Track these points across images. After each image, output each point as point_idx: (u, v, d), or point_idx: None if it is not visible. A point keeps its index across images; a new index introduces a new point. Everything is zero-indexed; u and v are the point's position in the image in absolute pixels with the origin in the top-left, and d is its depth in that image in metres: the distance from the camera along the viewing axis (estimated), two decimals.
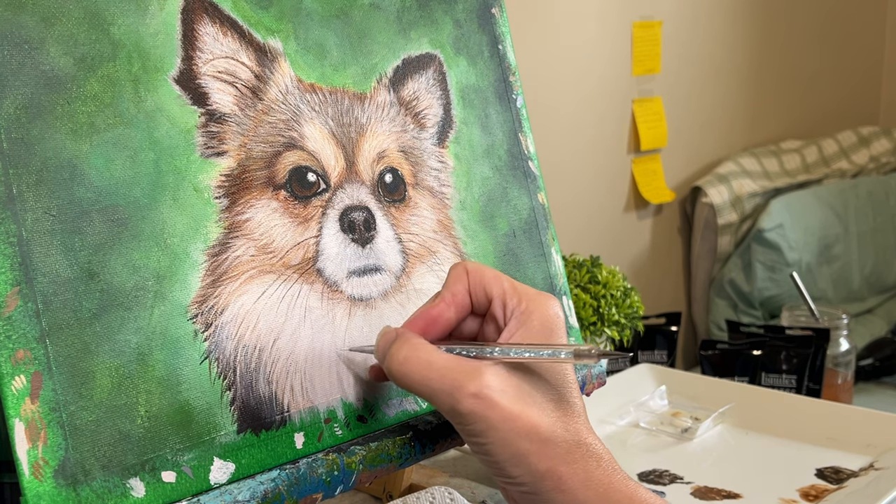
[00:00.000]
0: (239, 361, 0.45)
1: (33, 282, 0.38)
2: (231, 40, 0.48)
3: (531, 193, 0.62)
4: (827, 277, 2.06)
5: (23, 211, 0.39)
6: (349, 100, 0.53)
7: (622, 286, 1.02)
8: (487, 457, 0.43)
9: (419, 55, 0.57)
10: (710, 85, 2.06)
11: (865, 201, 2.16)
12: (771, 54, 2.21)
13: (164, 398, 0.42)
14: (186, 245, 0.44)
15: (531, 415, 0.42)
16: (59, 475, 0.38)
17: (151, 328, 0.42)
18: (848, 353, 1.26)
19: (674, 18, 1.91)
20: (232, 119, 0.47)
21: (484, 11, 0.62)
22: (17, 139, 0.39)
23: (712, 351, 1.22)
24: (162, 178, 0.44)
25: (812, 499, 0.71)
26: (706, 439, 0.85)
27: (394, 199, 0.53)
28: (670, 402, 0.93)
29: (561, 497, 0.42)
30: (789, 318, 1.34)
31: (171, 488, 0.41)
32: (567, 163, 1.75)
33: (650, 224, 1.98)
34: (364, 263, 0.51)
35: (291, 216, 0.48)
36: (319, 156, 0.50)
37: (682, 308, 2.07)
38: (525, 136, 0.63)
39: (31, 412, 0.37)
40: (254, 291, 0.46)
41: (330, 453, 0.46)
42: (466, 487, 0.72)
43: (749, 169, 2.03)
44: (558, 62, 1.70)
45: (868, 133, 2.34)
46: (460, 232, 0.57)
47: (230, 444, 0.43)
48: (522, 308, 0.45)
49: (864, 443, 0.79)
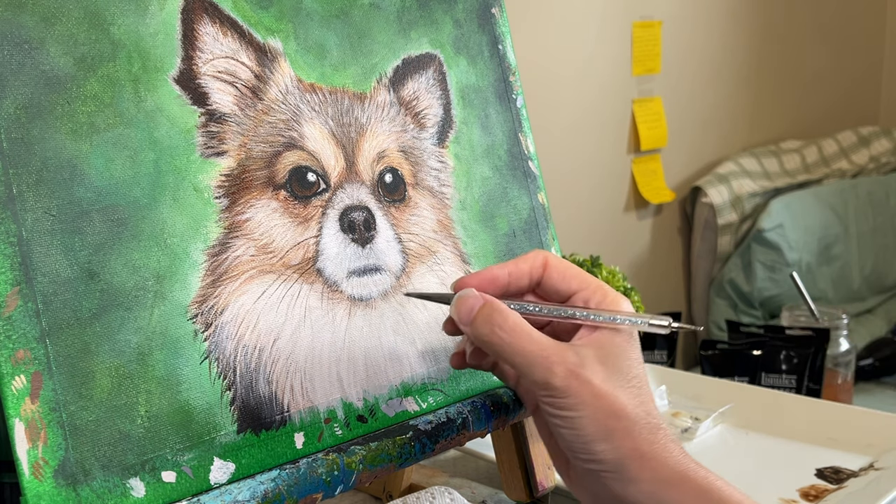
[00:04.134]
0: (239, 361, 0.45)
1: (33, 282, 0.38)
2: (231, 40, 0.48)
3: (531, 193, 0.62)
4: (827, 277, 2.06)
5: (23, 211, 0.39)
6: (349, 100, 0.53)
7: (622, 286, 1.02)
8: (574, 431, 0.44)
9: (419, 55, 0.57)
10: (710, 85, 2.06)
11: (865, 201, 2.16)
12: (771, 54, 2.21)
13: (164, 398, 0.42)
14: (186, 245, 0.44)
15: (620, 395, 0.44)
16: (59, 475, 0.37)
17: (151, 328, 0.42)
18: (848, 353, 1.26)
19: (674, 18, 1.91)
20: (232, 119, 0.47)
21: (484, 11, 0.62)
22: (17, 139, 0.39)
23: (712, 351, 1.22)
24: (162, 178, 0.44)
25: (812, 499, 0.71)
26: (706, 439, 0.85)
27: (394, 199, 0.53)
28: (670, 402, 0.93)
29: (644, 475, 0.44)
30: (789, 318, 1.34)
31: (171, 488, 0.41)
32: (567, 163, 1.75)
33: (650, 224, 1.98)
34: (364, 263, 0.51)
35: (291, 216, 0.48)
36: (319, 156, 0.50)
37: (682, 308, 2.07)
38: (525, 136, 0.63)
39: (31, 412, 0.37)
40: (254, 291, 0.46)
41: (330, 453, 0.46)
42: (466, 487, 0.72)
43: (749, 169, 2.03)
44: (558, 62, 1.70)
45: (868, 133, 2.34)
46: (460, 232, 0.57)
47: (230, 444, 0.43)
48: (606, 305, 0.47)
49: (864, 443, 0.79)
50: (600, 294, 0.48)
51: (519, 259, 0.49)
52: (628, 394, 0.45)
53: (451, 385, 0.54)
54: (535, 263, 0.49)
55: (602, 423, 0.44)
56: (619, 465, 0.44)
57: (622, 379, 0.45)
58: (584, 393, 0.44)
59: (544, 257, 0.49)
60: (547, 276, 0.49)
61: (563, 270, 0.49)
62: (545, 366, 0.44)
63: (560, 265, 0.49)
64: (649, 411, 0.45)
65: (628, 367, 0.46)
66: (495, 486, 0.72)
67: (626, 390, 0.45)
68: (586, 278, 0.49)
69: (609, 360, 0.45)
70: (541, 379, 0.45)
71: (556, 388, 0.44)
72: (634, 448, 0.44)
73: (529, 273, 0.49)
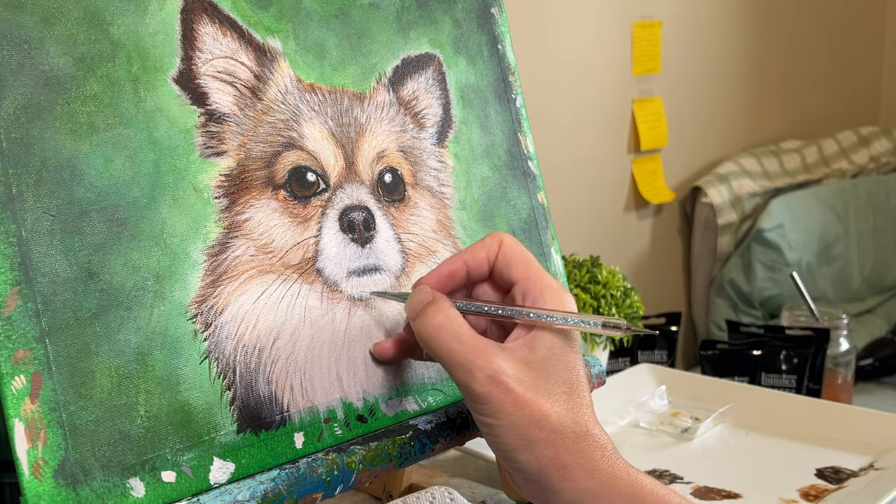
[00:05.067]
0: (239, 361, 0.45)
1: (33, 282, 0.38)
2: (230, 40, 0.48)
3: (531, 193, 0.62)
4: (827, 277, 2.06)
5: (22, 211, 0.39)
6: (349, 100, 0.53)
7: (622, 286, 1.02)
8: (496, 439, 0.43)
9: (419, 55, 0.57)
10: (710, 85, 2.06)
11: (865, 201, 2.16)
12: (771, 54, 2.21)
13: (164, 398, 0.42)
14: (186, 245, 0.44)
15: (543, 404, 0.43)
16: (58, 475, 0.38)
17: (151, 328, 0.42)
18: (848, 353, 1.26)
19: (674, 18, 1.91)
20: (231, 119, 0.47)
21: (483, 11, 0.62)
22: (16, 139, 0.39)
23: (712, 351, 1.22)
24: (161, 178, 0.44)
25: (812, 499, 0.71)
26: (706, 439, 0.85)
27: (393, 199, 0.53)
28: (670, 402, 0.93)
29: (564, 485, 0.43)
30: (789, 318, 1.34)
31: (170, 488, 0.41)
32: (567, 163, 1.75)
33: (650, 224, 1.98)
34: (364, 263, 0.51)
35: (291, 216, 0.48)
36: (319, 156, 0.50)
37: (682, 308, 2.07)
38: (524, 136, 0.63)
39: (31, 412, 0.37)
40: (253, 291, 0.46)
41: (330, 453, 0.46)
42: (466, 487, 0.72)
43: (749, 169, 2.03)
44: (558, 62, 1.70)
45: (868, 133, 2.34)
46: (460, 231, 0.57)
47: (230, 443, 0.43)
48: (543, 301, 0.46)
49: (864, 443, 0.79)
50: (537, 289, 0.46)
51: (476, 246, 0.48)
52: (554, 401, 0.43)
53: (451, 385, 0.54)
54: (490, 249, 0.47)
55: (523, 432, 0.42)
56: (541, 475, 0.43)
57: (551, 384, 0.43)
58: (504, 401, 0.42)
59: (499, 241, 0.47)
60: (496, 261, 0.47)
61: (508, 257, 0.47)
62: (466, 368, 0.43)
63: (508, 252, 0.47)
64: (577, 419, 0.43)
65: (560, 372, 0.44)
66: (495, 486, 0.72)
67: (552, 397, 0.43)
68: (528, 269, 0.47)
69: (538, 364, 0.44)
70: (462, 382, 0.43)
71: (476, 394, 0.43)
72: (555, 458, 0.42)
73: (487, 259, 0.48)
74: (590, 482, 0.42)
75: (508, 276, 0.47)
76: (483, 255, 0.48)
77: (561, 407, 0.43)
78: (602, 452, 0.43)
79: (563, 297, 0.46)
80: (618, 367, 1.29)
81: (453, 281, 0.48)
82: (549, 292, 0.46)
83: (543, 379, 0.43)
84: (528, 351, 0.44)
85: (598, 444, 0.43)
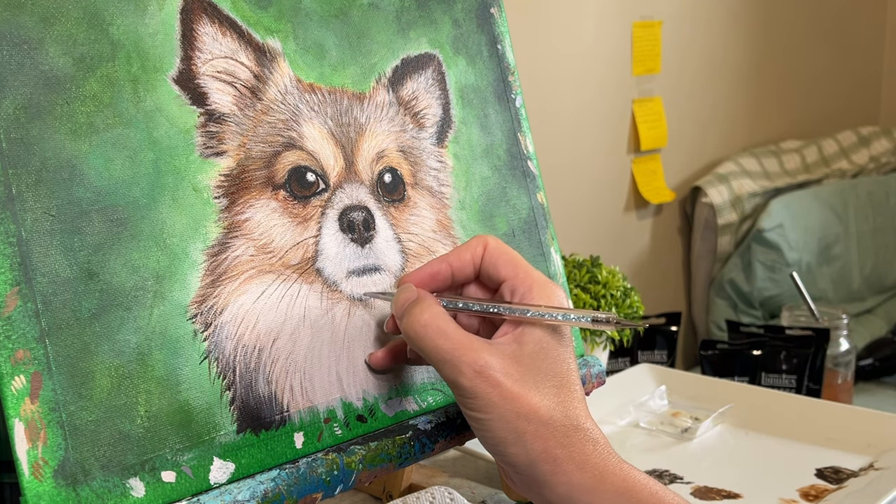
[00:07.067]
0: (238, 361, 0.45)
1: (33, 282, 0.38)
2: (230, 40, 0.48)
3: (530, 193, 0.62)
4: (827, 277, 2.06)
5: (22, 211, 0.39)
6: (348, 100, 0.53)
7: (622, 286, 1.02)
8: (486, 433, 0.43)
9: (418, 55, 0.57)
10: (710, 85, 2.06)
11: (865, 201, 2.16)
12: (771, 54, 2.21)
13: (164, 398, 0.42)
14: (186, 245, 0.44)
15: (531, 397, 0.43)
16: (58, 475, 0.38)
17: (151, 328, 0.42)
18: (848, 353, 1.26)
19: (674, 18, 1.91)
20: (231, 119, 0.47)
21: (483, 11, 0.62)
22: (16, 139, 0.39)
23: (712, 351, 1.22)
24: (161, 178, 0.44)
25: (812, 499, 0.71)
26: (706, 439, 0.85)
27: (393, 199, 0.53)
28: (670, 402, 0.93)
29: (556, 479, 0.43)
30: (789, 318, 1.34)
31: (170, 488, 0.41)
32: (567, 163, 1.75)
33: (650, 224, 1.98)
34: (363, 263, 0.51)
35: (291, 216, 0.48)
36: (318, 156, 0.50)
37: (682, 308, 2.07)
38: (524, 136, 0.63)
39: (31, 412, 0.37)
40: (253, 291, 0.46)
41: (330, 453, 0.46)
42: (466, 487, 0.72)
43: (749, 169, 2.03)
44: (558, 62, 1.70)
45: (868, 133, 2.34)
46: (459, 231, 0.57)
47: (230, 443, 0.43)
48: (532, 297, 0.46)
49: (864, 443, 0.79)
50: (525, 286, 0.46)
51: (461, 248, 0.48)
52: (544, 394, 0.43)
53: None
54: (475, 251, 0.48)
55: (511, 425, 0.42)
56: (532, 469, 0.43)
57: (540, 378, 0.43)
58: (492, 395, 0.42)
59: (484, 243, 0.48)
60: (482, 263, 0.48)
61: (495, 258, 0.47)
62: (454, 364, 0.43)
63: (494, 252, 0.48)
64: (568, 412, 0.43)
65: (549, 366, 0.44)
66: (495, 486, 0.72)
67: (541, 391, 0.43)
68: (516, 267, 0.47)
69: (526, 359, 0.44)
70: (449, 378, 0.44)
71: (464, 389, 0.43)
72: (545, 451, 0.42)
73: (472, 261, 0.48)
74: (582, 476, 0.42)
75: (497, 275, 0.47)
76: (468, 257, 0.48)
77: (551, 400, 0.43)
78: (594, 447, 0.43)
79: (553, 290, 0.46)
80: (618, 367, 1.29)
81: (436, 282, 0.48)
82: (538, 287, 0.46)
83: (532, 373, 0.43)
84: (516, 346, 0.44)
85: (590, 437, 0.43)
